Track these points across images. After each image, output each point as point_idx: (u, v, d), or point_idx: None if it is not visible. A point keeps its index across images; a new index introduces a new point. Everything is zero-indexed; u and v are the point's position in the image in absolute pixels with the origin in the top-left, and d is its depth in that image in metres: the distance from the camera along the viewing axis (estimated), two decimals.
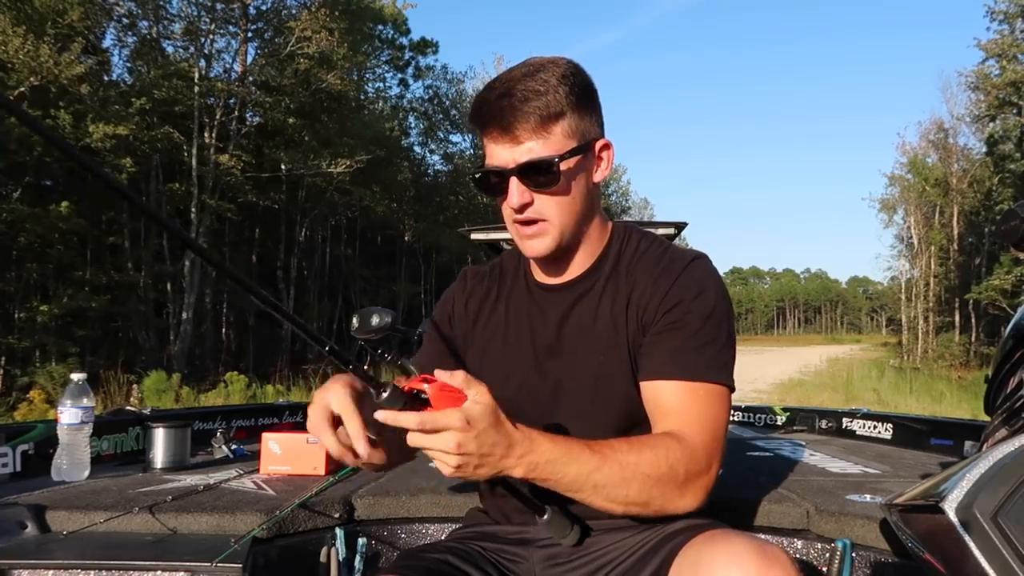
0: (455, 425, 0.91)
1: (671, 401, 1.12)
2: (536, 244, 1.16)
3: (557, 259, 1.22)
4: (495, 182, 1.15)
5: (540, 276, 1.28)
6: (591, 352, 1.19)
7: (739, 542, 0.95)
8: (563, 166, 1.11)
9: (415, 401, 0.92)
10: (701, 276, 1.17)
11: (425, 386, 0.93)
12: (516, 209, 1.13)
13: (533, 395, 1.22)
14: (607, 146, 1.19)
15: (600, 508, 1.04)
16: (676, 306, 1.14)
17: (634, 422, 1.18)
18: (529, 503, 1.07)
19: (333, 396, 0.97)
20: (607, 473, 1.01)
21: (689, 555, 0.99)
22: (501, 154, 1.13)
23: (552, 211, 1.14)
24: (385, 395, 0.90)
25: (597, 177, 1.19)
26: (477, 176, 1.17)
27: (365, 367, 1.03)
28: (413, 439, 0.92)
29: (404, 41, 27.72)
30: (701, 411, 1.10)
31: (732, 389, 1.15)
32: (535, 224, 1.15)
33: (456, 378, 0.94)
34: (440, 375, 0.94)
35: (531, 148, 1.11)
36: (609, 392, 1.17)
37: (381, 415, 0.90)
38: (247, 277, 0.93)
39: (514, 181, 1.12)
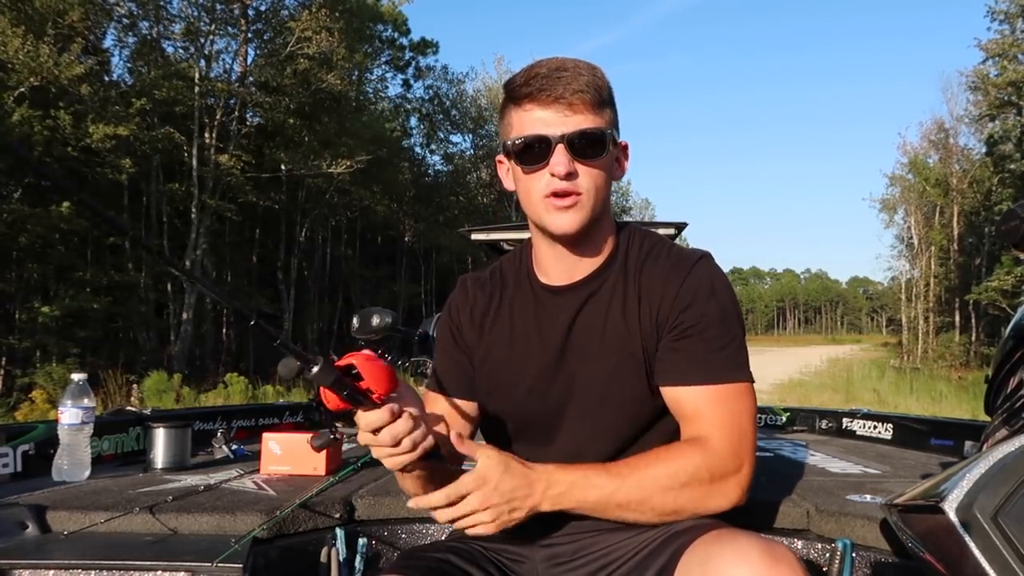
0: (472, 487, 1.01)
1: (696, 406, 1.13)
2: (569, 217, 1.14)
3: (573, 246, 1.21)
4: (534, 151, 1.13)
5: (545, 278, 1.26)
6: (603, 354, 1.19)
7: (746, 541, 0.95)
8: (608, 145, 1.15)
9: (347, 375, 0.94)
10: (709, 276, 1.18)
11: (354, 360, 0.96)
12: (561, 177, 1.12)
13: (543, 399, 1.22)
14: (627, 147, 1.23)
15: (635, 522, 1.11)
16: (688, 308, 1.15)
17: (645, 423, 1.19)
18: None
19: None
20: (627, 493, 1.07)
21: (696, 554, 0.99)
22: (549, 123, 1.12)
23: (590, 185, 1.14)
24: (316, 369, 0.91)
25: (616, 175, 1.21)
26: (516, 143, 1.15)
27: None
28: (446, 515, 1.03)
29: (404, 41, 27.74)
30: (726, 413, 1.12)
31: (752, 381, 1.17)
32: (571, 196, 1.14)
33: (466, 446, 1.04)
34: (454, 439, 1.04)
35: (585, 120, 1.12)
36: (621, 394, 1.18)
37: (412, 503, 1.05)
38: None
39: (560, 149, 1.12)
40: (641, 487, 1.08)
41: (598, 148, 1.13)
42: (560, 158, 1.11)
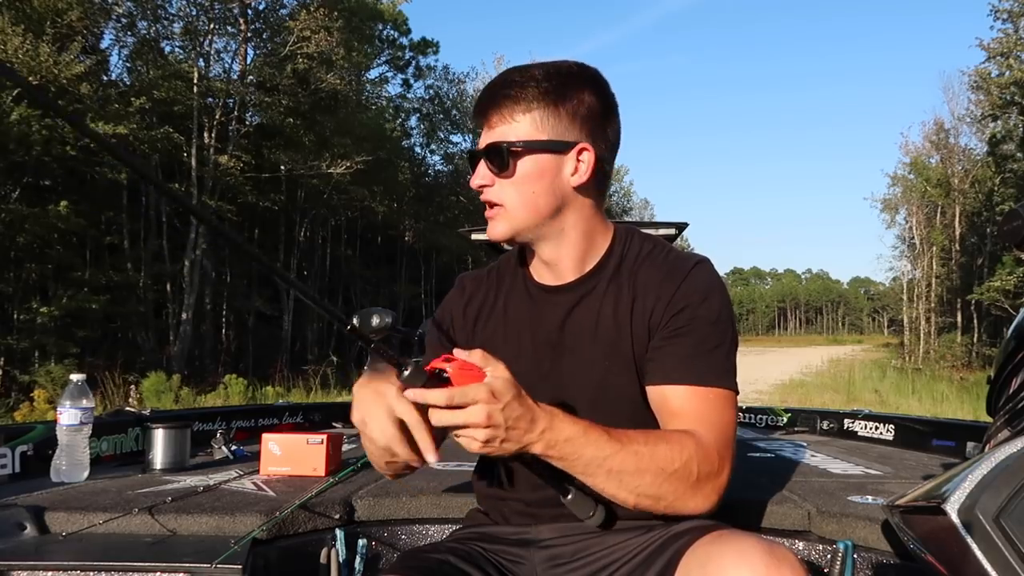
0: (482, 397, 0.93)
1: (682, 405, 1.12)
2: (492, 227, 1.20)
3: (530, 251, 1.25)
4: (472, 165, 1.19)
5: (540, 277, 1.27)
6: (594, 355, 1.18)
7: (747, 542, 0.94)
8: (519, 154, 1.14)
9: (436, 380, 0.94)
10: (705, 280, 1.17)
11: (447, 366, 0.95)
12: (476, 189, 1.18)
13: (533, 397, 1.21)
14: (586, 150, 1.16)
15: (613, 497, 1.05)
16: (682, 311, 1.14)
17: (636, 425, 1.17)
18: (553, 481, 1.07)
19: (397, 404, 0.97)
20: (622, 460, 1.02)
21: (697, 555, 0.99)
22: (482, 137, 1.18)
23: (507, 197, 1.17)
24: (407, 373, 0.92)
25: (575, 181, 1.17)
26: (465, 157, 1.22)
27: (365, 368, 1.03)
28: (441, 417, 0.93)
29: (404, 41, 27.73)
30: (713, 415, 1.11)
31: (737, 392, 1.15)
32: (494, 207, 1.19)
33: (474, 356, 0.97)
34: (459, 353, 0.97)
35: (500, 133, 1.15)
36: (613, 395, 1.17)
37: (408, 394, 0.94)
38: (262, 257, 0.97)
39: (481, 163, 1.17)
40: (638, 459, 1.03)
41: (499, 161, 1.14)
42: (478, 171, 1.17)
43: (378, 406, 0.99)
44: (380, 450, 1.02)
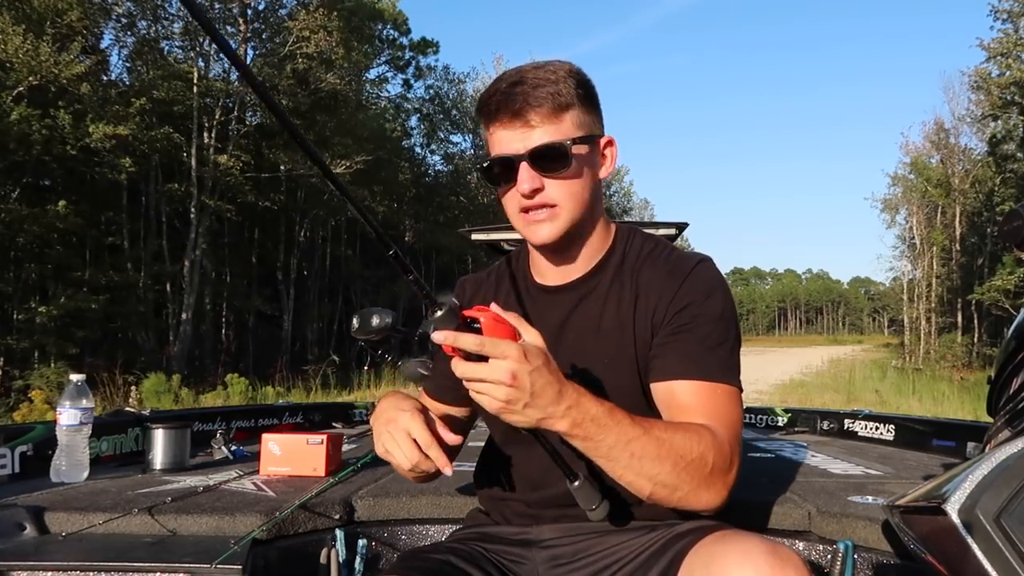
0: (513, 355, 0.89)
1: (690, 400, 1.11)
2: (545, 229, 1.15)
3: (561, 253, 1.22)
4: (503, 171, 1.15)
5: (541, 278, 1.27)
6: (596, 354, 1.18)
7: (751, 542, 0.94)
8: (575, 151, 1.13)
9: (466, 328, 0.91)
10: (708, 278, 1.17)
11: (480, 315, 0.93)
12: (527, 195, 1.13)
13: None
14: (611, 143, 1.21)
15: (629, 485, 1.03)
16: (685, 308, 1.14)
17: None
18: (563, 465, 1.03)
19: (411, 425, 1.07)
20: (644, 445, 1.00)
21: (700, 555, 0.98)
22: (511, 141, 1.13)
23: (562, 196, 1.14)
24: (439, 313, 0.89)
25: (602, 173, 1.20)
26: (484, 166, 1.17)
27: (365, 368, 1.03)
28: (466, 369, 0.91)
29: (404, 41, 27.72)
30: (721, 410, 1.10)
31: (741, 390, 1.15)
32: (545, 209, 1.15)
33: (509, 317, 0.95)
34: (495, 309, 0.95)
35: (544, 133, 1.12)
36: (614, 393, 1.16)
37: (439, 336, 0.90)
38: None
39: (524, 167, 1.13)
40: (659, 445, 1.00)
41: (560, 161, 1.13)
42: (524, 175, 1.13)
43: (396, 435, 1.06)
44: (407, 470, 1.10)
